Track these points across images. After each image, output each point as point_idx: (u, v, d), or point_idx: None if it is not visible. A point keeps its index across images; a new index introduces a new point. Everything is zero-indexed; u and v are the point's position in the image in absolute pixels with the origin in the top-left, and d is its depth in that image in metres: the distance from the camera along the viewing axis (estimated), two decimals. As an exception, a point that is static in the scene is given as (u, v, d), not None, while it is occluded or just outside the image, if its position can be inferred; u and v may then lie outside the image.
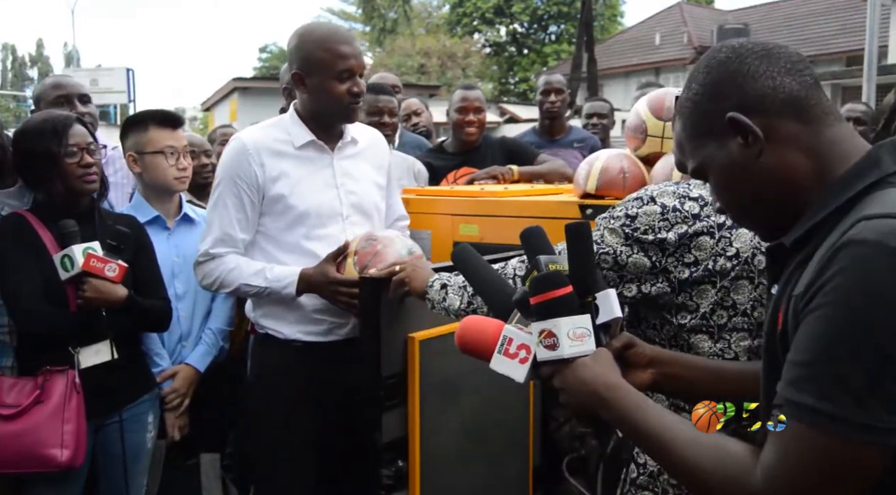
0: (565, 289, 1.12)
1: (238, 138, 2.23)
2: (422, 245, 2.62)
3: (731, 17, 23.82)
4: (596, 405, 1.09)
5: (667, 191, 1.49)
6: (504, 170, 3.27)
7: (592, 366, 1.12)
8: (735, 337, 1.48)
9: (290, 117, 2.27)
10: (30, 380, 2.11)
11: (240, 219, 2.19)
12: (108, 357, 2.17)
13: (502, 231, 2.42)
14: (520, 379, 1.18)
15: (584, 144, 4.10)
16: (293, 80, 2.20)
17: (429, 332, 1.90)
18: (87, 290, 2.10)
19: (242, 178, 2.17)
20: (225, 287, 2.22)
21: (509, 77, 31.95)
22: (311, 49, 2.16)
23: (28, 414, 2.06)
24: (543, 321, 1.12)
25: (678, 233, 1.44)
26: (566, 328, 1.11)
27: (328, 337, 2.22)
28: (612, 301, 1.24)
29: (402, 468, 1.88)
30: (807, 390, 0.86)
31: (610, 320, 1.24)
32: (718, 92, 1.05)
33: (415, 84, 20.72)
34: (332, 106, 2.18)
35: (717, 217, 1.46)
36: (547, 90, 4.18)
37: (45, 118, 2.21)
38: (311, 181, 2.21)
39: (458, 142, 3.59)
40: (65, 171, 2.15)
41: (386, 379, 1.85)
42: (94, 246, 2.13)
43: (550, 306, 1.12)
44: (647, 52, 24.08)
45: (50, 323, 2.14)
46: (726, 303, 1.47)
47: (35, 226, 2.17)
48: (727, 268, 1.45)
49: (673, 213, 1.45)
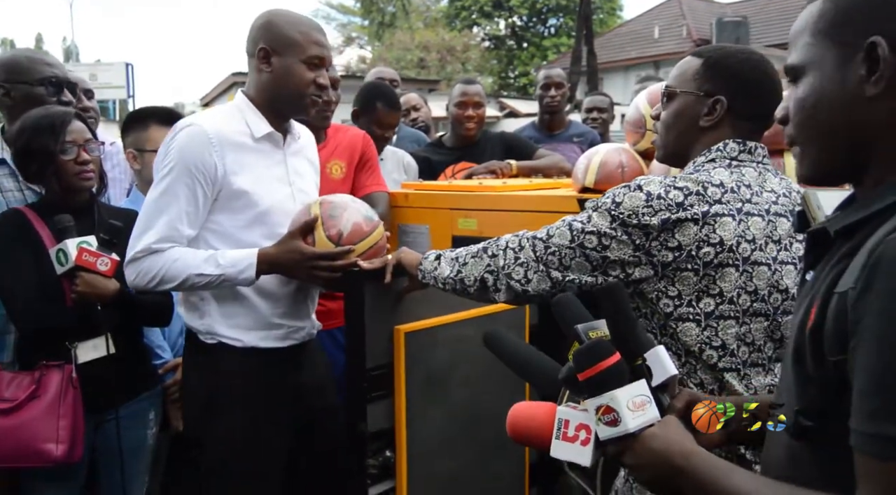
0: (614, 358, 1.04)
1: (196, 124, 1.98)
2: (420, 239, 2.63)
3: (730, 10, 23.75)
4: (674, 476, 0.99)
5: (654, 180, 1.51)
6: (503, 165, 3.27)
7: (662, 435, 1.02)
8: (722, 324, 1.49)
9: (244, 105, 2.07)
10: (27, 375, 2.11)
11: (189, 213, 1.95)
12: (105, 351, 2.17)
13: (501, 225, 2.42)
14: (587, 463, 1.08)
15: (583, 139, 4.10)
16: (257, 56, 2.02)
17: (415, 325, 1.91)
18: (80, 284, 2.09)
19: (200, 169, 1.94)
20: (167, 282, 1.95)
21: (509, 71, 31.89)
22: (284, 27, 2.01)
23: (24, 409, 2.06)
24: (598, 397, 1.04)
25: (661, 218, 1.46)
26: (624, 399, 1.02)
27: (285, 342, 2.09)
28: (664, 358, 1.15)
29: (390, 458, 1.90)
30: (888, 418, 0.76)
31: (667, 380, 1.14)
32: (876, 4, 0.90)
33: (414, 78, 20.69)
34: (294, 92, 2.02)
35: (701, 206, 1.47)
36: (547, 85, 4.18)
37: (43, 114, 2.19)
38: (269, 177, 2.06)
39: (456, 137, 3.59)
40: (61, 169, 2.15)
41: (370, 371, 1.85)
42: (90, 240, 2.12)
43: (601, 379, 1.03)
44: (646, 46, 24.04)
45: (45, 318, 2.14)
46: (712, 290, 1.48)
47: (33, 221, 2.17)
48: (710, 254, 1.46)
49: (657, 201, 1.47)
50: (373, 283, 1.86)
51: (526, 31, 31.54)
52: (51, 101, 2.46)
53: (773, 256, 1.50)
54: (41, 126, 2.15)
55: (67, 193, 2.19)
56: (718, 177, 1.51)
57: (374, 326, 1.86)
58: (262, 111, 2.06)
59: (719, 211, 1.47)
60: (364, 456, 1.87)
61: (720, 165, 1.54)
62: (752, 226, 1.49)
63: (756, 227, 1.49)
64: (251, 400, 2.04)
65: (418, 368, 1.92)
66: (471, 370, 2.06)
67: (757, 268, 1.48)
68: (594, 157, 2.34)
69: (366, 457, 1.87)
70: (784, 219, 1.54)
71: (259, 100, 2.07)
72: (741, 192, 1.50)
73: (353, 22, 34.95)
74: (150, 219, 1.96)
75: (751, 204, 1.50)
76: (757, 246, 1.49)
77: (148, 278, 1.95)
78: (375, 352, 1.87)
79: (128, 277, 1.98)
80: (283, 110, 2.08)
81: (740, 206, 1.49)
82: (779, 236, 1.52)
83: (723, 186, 1.49)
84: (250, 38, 2.06)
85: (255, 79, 2.07)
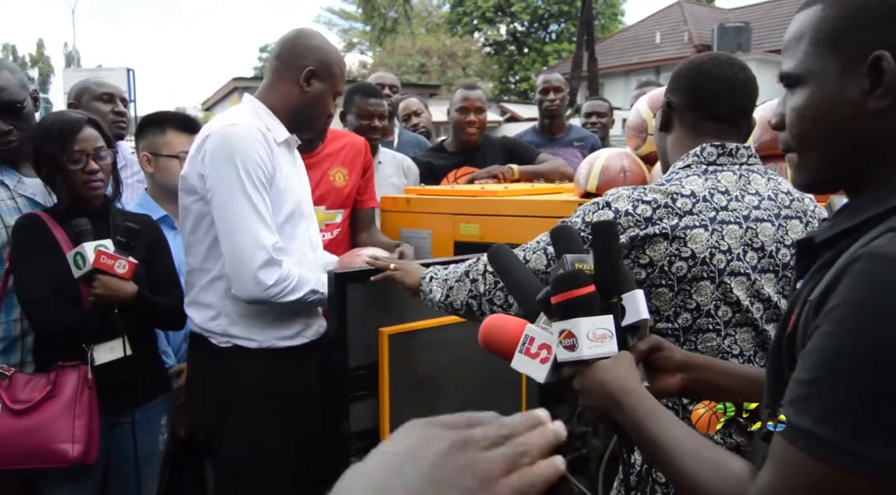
0: (587, 289, 1.09)
1: (237, 123, 2.03)
2: (422, 244, 2.63)
3: (732, 16, 23.80)
4: (612, 408, 1.07)
5: (622, 195, 1.49)
6: (504, 170, 3.27)
7: (612, 368, 1.08)
8: (701, 338, 1.47)
9: (261, 110, 2.14)
10: (43, 377, 2.11)
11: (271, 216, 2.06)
12: (122, 353, 2.17)
13: (503, 230, 2.42)
14: (540, 379, 1.15)
15: (584, 143, 4.10)
16: (303, 74, 2.12)
17: (399, 327, 1.95)
18: (98, 287, 2.10)
19: (263, 168, 2.01)
20: (294, 292, 2.01)
21: (510, 76, 31.93)
22: (331, 57, 2.16)
23: (40, 410, 2.05)
24: (564, 321, 1.10)
25: (630, 236, 1.44)
26: (586, 329, 1.09)
27: (296, 340, 2.14)
28: (640, 302, 1.20)
29: None
30: (806, 412, 0.80)
31: (637, 322, 1.20)
32: (881, 15, 0.88)
33: (415, 83, 20.72)
34: (315, 117, 2.18)
35: (670, 219, 1.44)
36: (546, 89, 4.18)
37: (54, 120, 2.19)
38: (291, 180, 2.15)
39: (458, 142, 3.59)
40: (68, 177, 2.15)
41: (354, 371, 1.90)
42: (106, 243, 2.13)
43: (571, 306, 1.09)
44: (647, 51, 24.06)
45: (64, 321, 2.14)
46: (689, 305, 1.46)
47: (50, 225, 2.17)
48: (683, 269, 1.44)
49: (625, 218, 1.45)
50: (356, 285, 1.90)
51: (527, 36, 31.60)
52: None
53: (753, 265, 1.47)
54: (50, 133, 2.14)
55: (77, 200, 2.19)
56: (690, 186, 1.48)
57: (358, 327, 1.90)
58: (280, 117, 2.15)
59: (689, 223, 1.44)
60: (347, 454, 1.90)
61: (694, 173, 1.51)
62: (728, 235, 1.46)
63: (732, 236, 1.46)
64: (266, 401, 2.08)
65: (403, 370, 1.95)
66: (461, 374, 2.08)
67: (734, 278, 1.45)
68: (596, 162, 2.34)
69: (349, 456, 1.89)
70: (767, 225, 1.50)
71: (281, 110, 2.15)
72: (715, 200, 1.47)
73: (355, 28, 35.04)
74: (257, 226, 1.98)
75: (726, 211, 1.47)
76: (734, 255, 1.45)
77: (283, 286, 1.99)
78: (360, 353, 1.90)
79: (264, 282, 1.97)
80: (299, 126, 2.19)
81: (713, 215, 1.45)
82: (760, 243, 1.48)
83: (694, 196, 1.46)
84: (296, 51, 2.13)
85: (285, 91, 2.14)
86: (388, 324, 1.94)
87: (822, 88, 0.92)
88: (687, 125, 1.58)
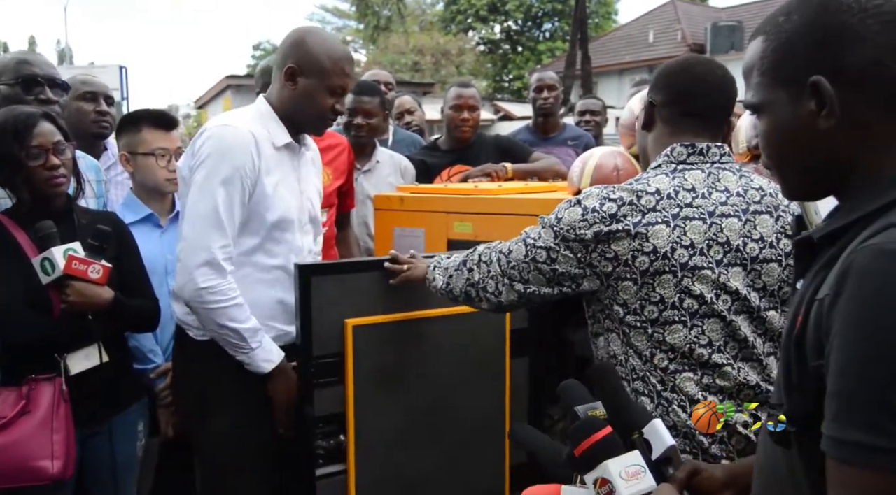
0: (604, 431, 1.11)
1: (232, 126, 2.03)
2: (416, 243, 2.62)
3: (725, 15, 23.85)
4: None
5: (592, 193, 1.58)
6: (498, 168, 3.27)
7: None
8: (668, 329, 1.52)
9: (266, 111, 2.13)
10: (14, 391, 1.99)
11: (238, 223, 2.02)
12: (98, 361, 2.09)
13: (496, 229, 2.42)
14: None
15: (577, 142, 4.10)
16: (284, 72, 2.09)
17: (364, 319, 2.01)
18: (71, 294, 2.00)
19: (247, 171, 2.00)
20: (213, 317, 1.98)
21: (503, 74, 31.92)
22: (316, 51, 2.07)
23: (15, 426, 1.94)
24: (594, 470, 1.10)
25: (594, 231, 1.52)
26: (616, 469, 1.08)
27: (275, 343, 2.10)
28: (661, 431, 1.20)
29: (343, 442, 2.01)
30: (853, 424, 0.76)
31: (667, 452, 1.19)
32: (818, 41, 0.91)
33: (408, 81, 20.68)
34: (312, 114, 2.12)
35: (634, 216, 1.51)
36: (539, 87, 4.18)
37: (6, 117, 2.03)
38: (283, 187, 2.10)
39: (452, 140, 3.59)
40: (29, 175, 2.02)
41: (318, 359, 1.97)
42: (75, 247, 2.02)
43: (594, 452, 1.10)
44: (640, 50, 24.09)
45: (33, 331, 2.02)
46: (653, 298, 1.52)
47: (10, 228, 2.05)
48: (646, 263, 1.50)
49: (592, 214, 1.53)
50: (319, 278, 1.97)
51: (521, 35, 31.58)
52: (27, 99, 2.37)
53: (718, 259, 1.53)
54: (4, 130, 1.99)
55: (40, 200, 2.06)
56: (656, 184, 1.55)
57: (325, 317, 1.97)
58: (282, 120, 2.13)
59: (652, 219, 1.51)
60: (312, 437, 1.98)
61: (663, 172, 1.59)
62: (691, 230, 1.52)
63: (695, 232, 1.52)
64: (245, 394, 2.07)
65: (368, 360, 2.02)
66: (433, 368, 2.12)
67: (698, 272, 1.51)
68: (589, 161, 2.34)
69: (314, 439, 1.98)
70: (734, 220, 1.55)
71: (280, 111, 2.13)
72: (679, 197, 1.53)
73: (349, 26, 34.94)
74: (213, 227, 1.97)
75: (690, 208, 1.53)
76: (696, 250, 1.51)
77: (212, 298, 1.96)
78: (326, 342, 1.98)
79: (191, 283, 1.96)
80: (299, 126, 2.16)
81: (677, 212, 1.52)
82: (725, 237, 1.54)
83: (658, 193, 1.53)
84: (281, 51, 2.13)
85: (278, 91, 2.13)
86: (356, 316, 2.00)
87: (778, 115, 0.97)
88: (665, 122, 1.65)
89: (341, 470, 2.02)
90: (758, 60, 0.99)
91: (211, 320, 2.00)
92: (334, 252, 2.86)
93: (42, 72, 2.48)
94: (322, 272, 2.00)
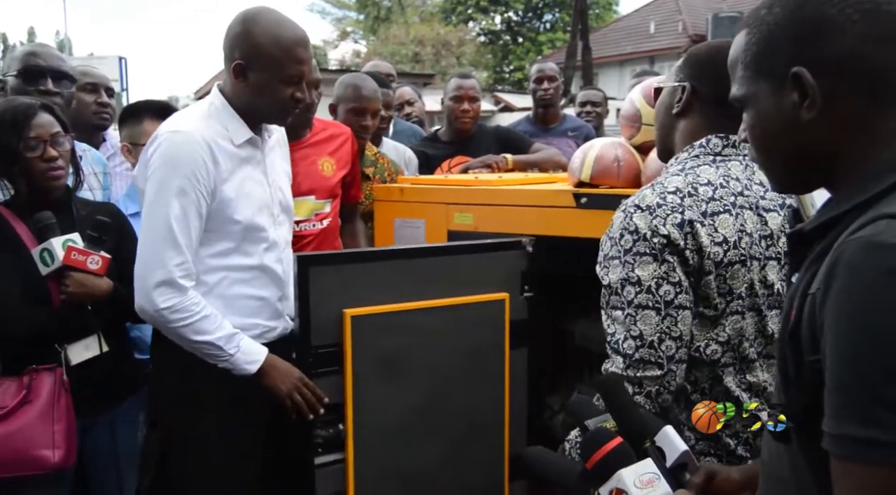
0: (615, 442, 1.10)
1: (182, 131, 1.92)
2: (416, 234, 2.62)
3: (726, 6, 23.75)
4: None
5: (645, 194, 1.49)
6: (498, 159, 3.26)
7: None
8: (729, 321, 1.49)
9: (222, 107, 2.01)
10: (14, 381, 2.00)
11: (197, 234, 1.93)
12: (98, 351, 2.11)
13: (497, 220, 2.42)
14: None
15: (578, 133, 4.10)
16: (232, 69, 1.96)
17: (363, 309, 2.01)
18: (70, 285, 2.01)
19: (201, 180, 1.89)
20: (182, 334, 1.91)
21: (504, 66, 31.83)
22: (262, 41, 1.93)
23: (16, 415, 1.96)
24: (607, 482, 1.09)
25: (672, 223, 1.45)
26: (630, 478, 1.07)
27: (259, 340, 2.05)
28: (673, 437, 1.18)
29: (342, 431, 2.02)
30: (848, 418, 0.77)
31: (681, 457, 1.16)
32: (798, 34, 0.92)
33: (409, 73, 20.63)
34: (271, 108, 2.00)
35: (699, 206, 1.45)
36: (539, 78, 4.18)
37: (5, 108, 2.03)
38: (250, 184, 2.02)
39: (452, 131, 3.59)
40: (26, 167, 2.02)
41: (317, 349, 1.98)
42: (74, 238, 2.04)
43: (606, 463, 1.09)
44: (641, 41, 24.01)
45: (34, 321, 2.04)
46: (722, 289, 1.48)
47: (10, 220, 2.06)
48: (720, 253, 1.46)
49: (660, 209, 1.46)
50: (317, 268, 1.97)
51: (521, 26, 31.48)
52: (29, 90, 2.37)
53: (764, 252, 1.51)
54: (2, 121, 1.99)
55: (37, 192, 2.07)
56: (706, 175, 1.50)
57: (324, 307, 1.98)
58: (240, 115, 2.02)
59: (714, 209, 1.46)
60: (311, 425, 1.99)
61: (705, 163, 1.53)
62: (748, 220, 1.50)
63: (750, 222, 1.50)
64: (228, 397, 2.02)
65: (367, 350, 2.02)
66: (430, 357, 2.12)
67: (754, 263, 1.49)
68: (590, 152, 2.33)
69: (313, 427, 2.00)
70: (774, 213, 1.54)
71: (236, 106, 2.02)
72: (731, 186, 1.51)
73: (349, 16, 34.86)
74: (169, 244, 1.89)
75: (742, 197, 1.51)
76: (753, 240, 1.49)
77: (176, 318, 1.90)
78: (325, 332, 1.99)
79: (151, 305, 1.89)
80: (259, 119, 2.06)
81: (733, 200, 1.49)
82: (770, 230, 1.52)
83: (711, 184, 1.49)
84: (226, 43, 1.99)
85: (231, 85, 2.02)
86: (354, 306, 2.00)
87: (762, 108, 0.97)
88: (703, 110, 1.56)
89: (340, 459, 2.03)
90: (741, 54, 1.00)
91: (181, 337, 1.94)
92: (339, 243, 2.86)
93: (46, 63, 2.49)
94: (320, 263, 2.01)
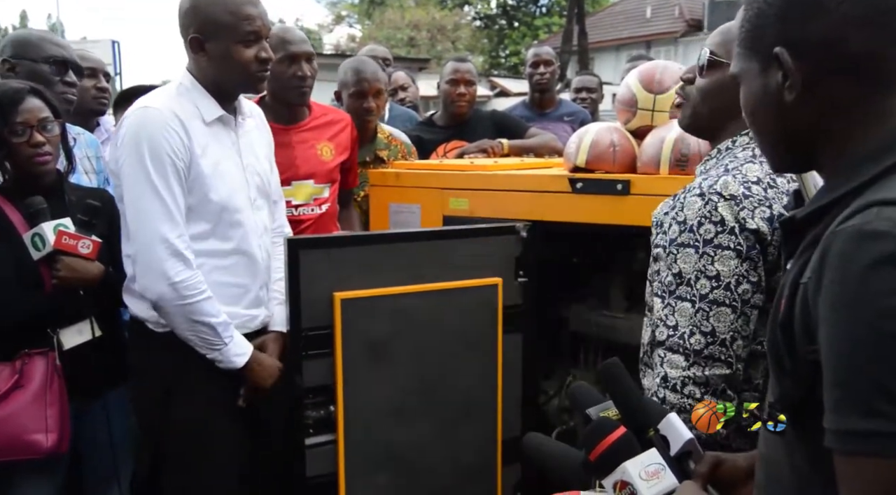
0: (618, 432, 1.08)
1: (151, 107, 1.90)
2: (411, 219, 2.62)
3: (723, -10, 23.65)
4: None
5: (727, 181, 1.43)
6: (494, 144, 3.25)
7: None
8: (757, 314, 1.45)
9: (191, 86, 1.99)
10: (7, 365, 2.00)
11: (184, 206, 1.91)
12: (90, 335, 2.10)
13: (492, 205, 2.41)
14: None
15: (573, 118, 4.09)
16: (190, 45, 1.97)
17: (352, 293, 2.02)
18: (61, 269, 2.01)
19: (177, 152, 1.87)
20: (186, 314, 1.90)
21: (500, 50, 31.68)
22: (211, 10, 1.92)
23: (8, 400, 1.96)
24: (612, 473, 1.07)
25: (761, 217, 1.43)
26: (635, 470, 1.06)
27: (240, 330, 2.04)
28: (677, 425, 1.15)
29: (332, 413, 2.03)
30: (849, 411, 0.75)
31: (685, 445, 1.14)
32: (784, 14, 0.91)
33: (404, 57, 20.53)
34: (239, 74, 1.97)
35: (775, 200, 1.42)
36: (536, 62, 4.17)
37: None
38: (225, 164, 1.99)
39: (448, 116, 3.57)
40: (13, 152, 2.01)
41: (307, 331, 1.99)
42: (66, 222, 2.04)
43: (610, 454, 1.07)
44: (638, 25, 23.93)
45: (26, 306, 2.03)
46: None
47: (1, 205, 2.06)
48: None
49: (747, 200, 1.42)
50: (308, 251, 1.98)
51: (517, 10, 31.31)
52: (54, 79, 2.41)
53: None
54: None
55: (26, 178, 2.06)
56: (755, 173, 1.46)
57: (314, 290, 1.99)
58: (209, 92, 2.00)
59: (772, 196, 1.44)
60: (301, 406, 2.01)
61: (749, 161, 1.48)
62: None
63: None
64: (211, 383, 2.01)
65: (358, 333, 2.03)
66: (422, 341, 2.13)
67: None
68: (585, 136, 2.33)
69: (303, 408, 2.01)
70: None
71: (203, 82, 2.00)
72: (779, 182, 1.49)
73: (344, 0, 34.59)
74: (160, 217, 1.87)
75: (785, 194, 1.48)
76: None
77: (183, 295, 1.88)
78: (315, 315, 2.00)
79: (158, 276, 1.87)
80: (230, 92, 2.03)
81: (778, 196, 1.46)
82: None
83: (760, 182, 1.45)
84: (180, 23, 1.99)
85: (194, 62, 2.01)
86: (344, 289, 2.01)
87: (751, 86, 0.98)
88: None
89: (331, 440, 2.04)
90: (737, 31, 1.01)
91: (184, 318, 1.92)
92: (336, 228, 2.85)
93: (69, 56, 2.53)
94: (310, 246, 2.01)
